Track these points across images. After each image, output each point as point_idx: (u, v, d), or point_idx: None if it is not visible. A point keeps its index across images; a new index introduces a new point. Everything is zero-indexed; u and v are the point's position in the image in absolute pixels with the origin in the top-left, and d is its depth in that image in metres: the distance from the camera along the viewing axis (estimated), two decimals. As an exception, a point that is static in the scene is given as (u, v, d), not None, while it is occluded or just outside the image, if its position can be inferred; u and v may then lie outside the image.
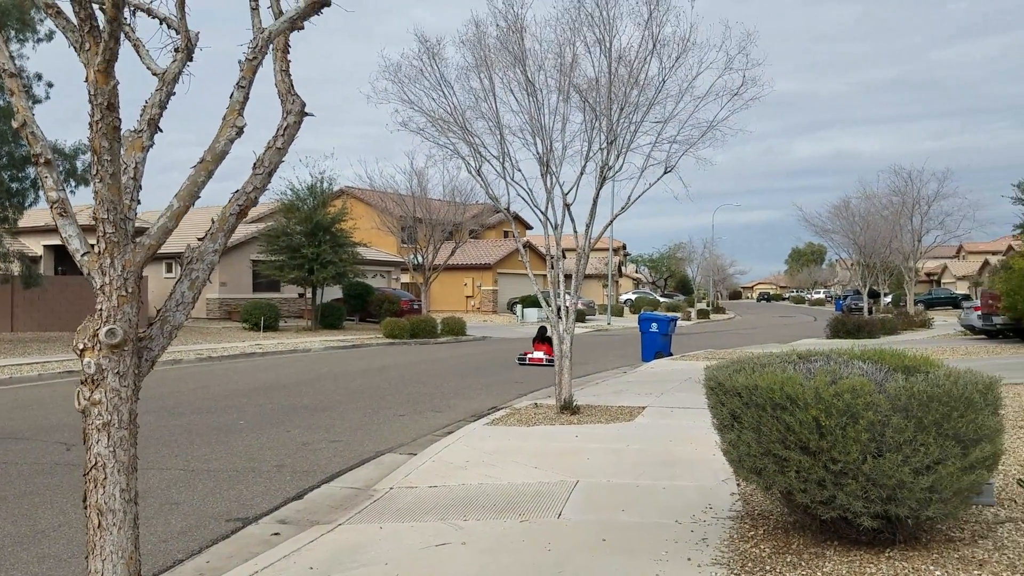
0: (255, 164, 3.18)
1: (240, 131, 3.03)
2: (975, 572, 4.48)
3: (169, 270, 33.81)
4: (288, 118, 3.19)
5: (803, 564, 4.74)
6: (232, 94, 3.08)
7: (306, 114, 3.23)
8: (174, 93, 3.35)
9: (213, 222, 3.17)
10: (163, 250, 3.53)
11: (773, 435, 4.81)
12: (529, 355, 19.87)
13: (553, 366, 20.66)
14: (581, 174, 11.94)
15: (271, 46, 3.13)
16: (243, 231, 34.29)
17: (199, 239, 3.23)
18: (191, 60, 3.35)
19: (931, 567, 4.57)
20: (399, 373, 17.60)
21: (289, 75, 3.25)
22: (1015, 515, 5.60)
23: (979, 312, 24.42)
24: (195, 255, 3.18)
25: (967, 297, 50.20)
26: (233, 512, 6.70)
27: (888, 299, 52.14)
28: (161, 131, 3.23)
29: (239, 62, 3.03)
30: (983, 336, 24.58)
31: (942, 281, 76.88)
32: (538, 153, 11.86)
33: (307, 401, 12.95)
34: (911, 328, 33.30)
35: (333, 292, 34.42)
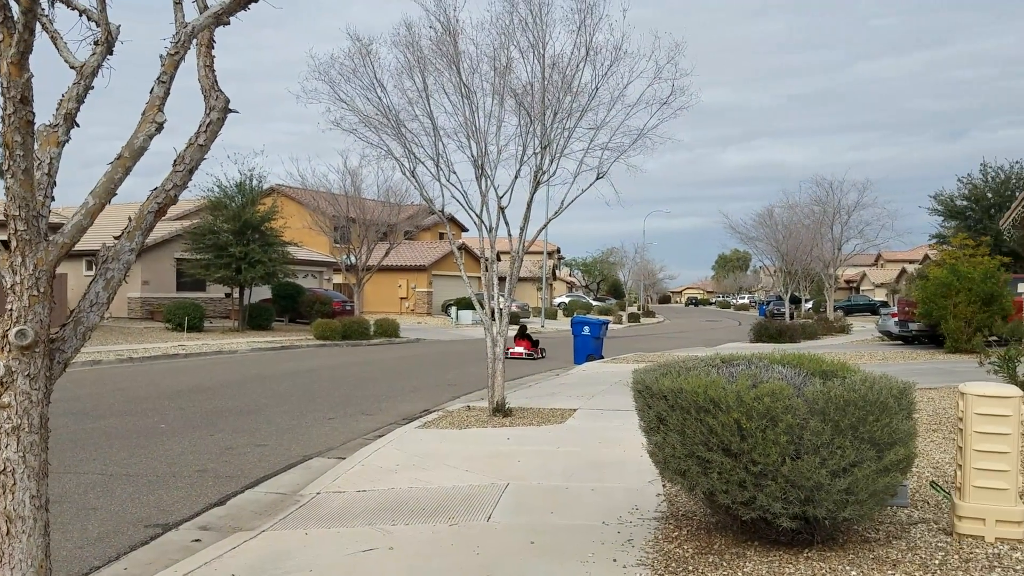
0: (176, 161, 3.09)
1: (160, 127, 2.95)
2: (889, 572, 4.64)
3: (90, 268, 32.68)
4: (211, 114, 3.11)
5: (725, 564, 4.84)
6: (152, 89, 3.00)
7: (230, 111, 3.15)
8: (92, 87, 3.24)
9: (130, 220, 3.07)
10: (85, 247, 3.41)
11: (697, 437, 4.90)
12: (510, 349, 21.62)
13: (533, 359, 22.01)
14: (516, 178, 11.99)
15: (195, 41, 3.06)
16: (167, 228, 33.35)
17: (116, 237, 3.13)
18: (111, 53, 3.25)
19: (847, 567, 4.72)
20: (329, 375, 17.36)
21: (213, 71, 3.17)
22: (928, 516, 5.82)
23: (896, 319, 25.28)
24: (111, 254, 3.08)
25: (885, 304, 52.04)
26: (153, 518, 6.52)
27: (809, 305, 53.68)
28: (78, 126, 3.12)
29: (160, 56, 2.95)
30: (900, 342, 25.48)
31: (861, 288, 79.42)
32: (473, 156, 11.86)
33: (232, 404, 12.68)
34: (831, 333, 34.35)
35: (262, 292, 33.76)
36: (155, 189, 3.08)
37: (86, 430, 10.10)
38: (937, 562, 4.80)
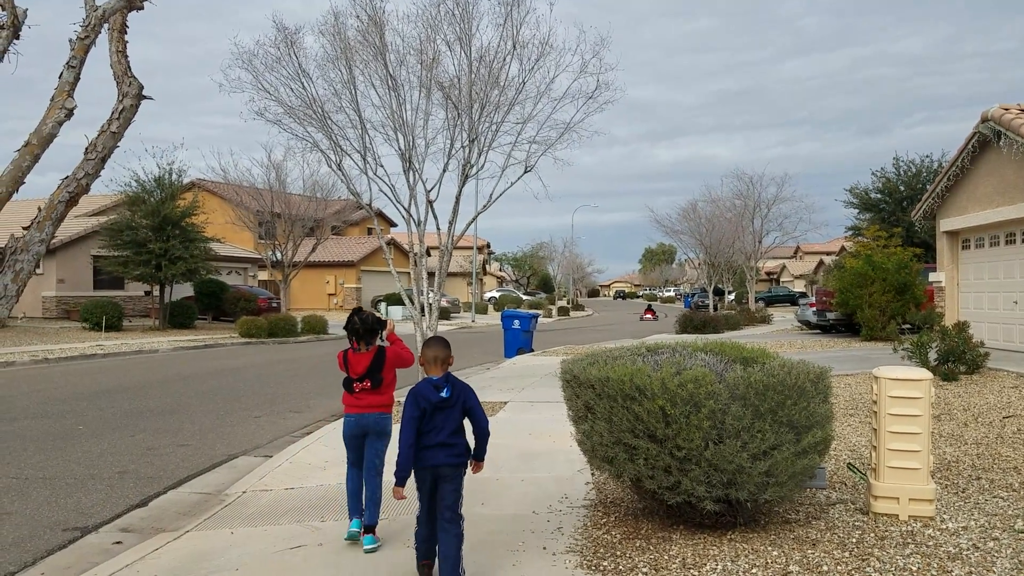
0: (87, 149, 2.98)
1: (70, 113, 2.84)
2: (809, 551, 4.79)
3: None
4: (124, 101, 3.01)
5: (651, 548, 4.93)
6: (61, 74, 2.88)
7: (144, 97, 3.06)
8: (-2, 72, 3.10)
9: (40, 210, 2.95)
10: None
11: (623, 424, 4.98)
12: (642, 317, 44.31)
13: (655, 321, 34.52)
14: (444, 171, 11.97)
15: (107, 26, 2.95)
16: (83, 225, 32.21)
17: (24, 228, 3.00)
18: (18, 38, 3.12)
19: (769, 547, 4.86)
20: (255, 373, 17.03)
21: (126, 56, 3.07)
22: (845, 497, 6.03)
23: (814, 308, 26.01)
24: (19, 245, 2.95)
25: (803, 294, 53.55)
26: (71, 521, 6.31)
27: (732, 296, 54.93)
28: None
29: (70, 40, 2.83)
30: (818, 331, 26.23)
31: (781, 280, 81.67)
32: (400, 149, 11.78)
33: (153, 404, 12.32)
34: (752, 324, 35.16)
35: (184, 290, 32.87)
36: (66, 178, 2.96)
37: (-3, 434, 9.70)
38: (854, 540, 4.98)
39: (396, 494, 4.53)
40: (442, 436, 4.48)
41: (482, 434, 4.65)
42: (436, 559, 4.54)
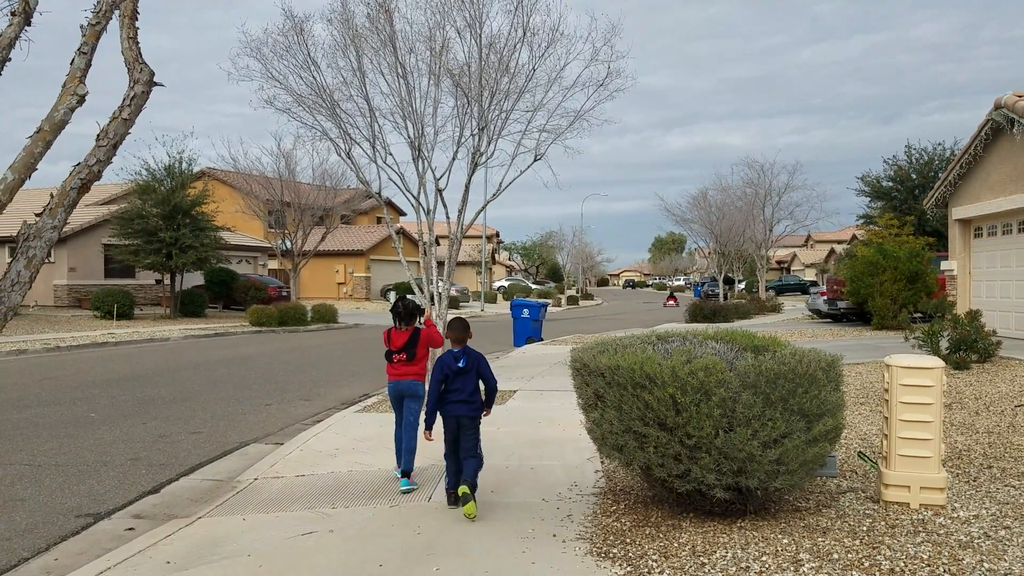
0: (99, 136, 2.97)
1: (82, 99, 2.83)
2: (819, 539, 4.78)
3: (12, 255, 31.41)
4: (135, 87, 3.00)
5: (661, 536, 4.94)
6: (73, 60, 2.87)
7: (155, 84, 3.05)
8: (10, 59, 3.10)
9: (52, 196, 2.95)
10: (5, 233, 3.24)
11: (633, 412, 4.97)
12: (666, 303, 45.65)
13: (676, 307, 36.57)
14: (453, 159, 11.95)
15: (117, 12, 2.94)
16: (94, 213, 32.32)
17: (37, 215, 3.01)
18: (29, 24, 3.11)
19: (779, 535, 4.85)
20: (266, 362, 17.09)
21: (137, 43, 3.06)
22: (856, 485, 6.02)
23: (825, 297, 25.87)
24: (32, 232, 2.96)
25: (814, 283, 53.35)
26: (84, 508, 6.35)
27: (742, 285, 54.70)
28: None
29: (81, 27, 2.82)
30: (829, 320, 26.12)
31: (792, 268, 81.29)
32: (409, 137, 11.77)
33: (165, 392, 12.39)
34: (763, 312, 35.02)
35: (194, 278, 32.96)
36: (78, 164, 2.96)
37: (12, 420, 9.77)
38: (865, 529, 4.97)
39: (426, 436, 5.88)
40: (463, 395, 5.81)
41: (491, 391, 5.96)
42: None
